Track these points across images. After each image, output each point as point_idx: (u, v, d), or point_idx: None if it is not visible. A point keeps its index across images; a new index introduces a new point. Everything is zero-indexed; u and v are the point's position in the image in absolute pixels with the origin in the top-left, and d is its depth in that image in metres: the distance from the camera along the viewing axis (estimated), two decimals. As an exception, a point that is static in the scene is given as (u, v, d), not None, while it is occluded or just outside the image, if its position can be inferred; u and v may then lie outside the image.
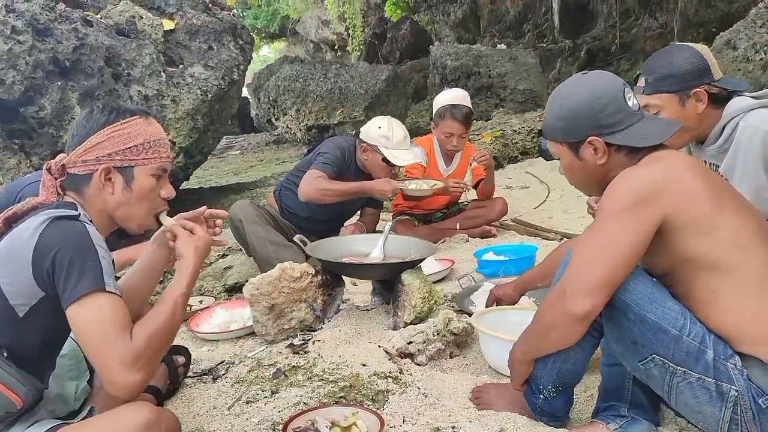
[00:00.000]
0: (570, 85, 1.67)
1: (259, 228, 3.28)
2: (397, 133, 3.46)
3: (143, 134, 1.61)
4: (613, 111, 1.57)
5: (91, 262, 1.40)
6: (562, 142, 1.66)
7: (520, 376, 1.71)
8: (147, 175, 1.62)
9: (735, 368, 1.41)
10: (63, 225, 1.44)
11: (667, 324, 1.44)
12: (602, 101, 1.57)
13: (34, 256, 1.40)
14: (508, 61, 9.63)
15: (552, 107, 1.68)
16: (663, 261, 1.51)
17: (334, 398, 1.98)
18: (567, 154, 1.67)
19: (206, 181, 8.00)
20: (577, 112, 1.60)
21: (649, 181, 1.46)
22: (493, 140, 7.00)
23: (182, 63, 5.09)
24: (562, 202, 5.09)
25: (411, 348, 2.25)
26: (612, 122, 1.57)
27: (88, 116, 1.61)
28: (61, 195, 1.58)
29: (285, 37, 21.63)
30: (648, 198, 1.44)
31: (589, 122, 1.58)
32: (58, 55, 4.21)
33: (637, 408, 1.68)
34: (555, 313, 1.52)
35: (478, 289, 2.79)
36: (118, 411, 1.47)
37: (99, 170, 1.57)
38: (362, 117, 9.36)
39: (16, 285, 1.42)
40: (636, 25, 11.95)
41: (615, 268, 1.45)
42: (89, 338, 1.39)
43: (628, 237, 1.44)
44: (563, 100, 1.65)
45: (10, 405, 1.42)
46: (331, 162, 3.41)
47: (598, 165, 1.61)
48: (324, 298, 2.63)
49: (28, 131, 4.25)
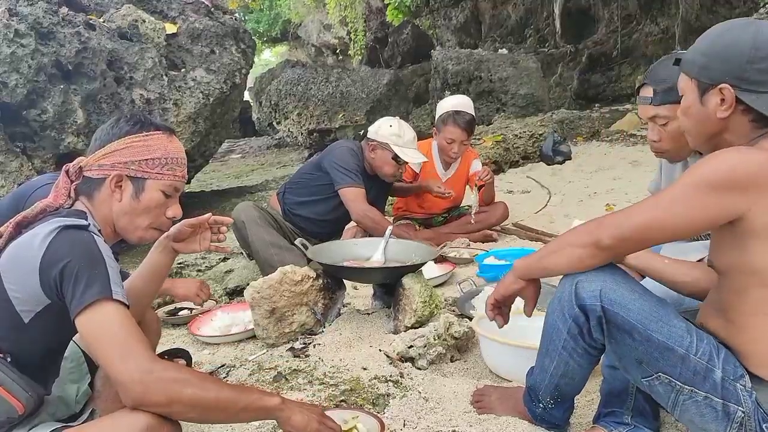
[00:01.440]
0: (734, 25, 1.46)
1: (261, 230, 3.29)
2: (407, 132, 3.53)
3: (162, 149, 1.62)
4: (765, 68, 1.37)
5: (98, 271, 1.39)
6: (694, 78, 1.47)
7: (503, 288, 1.64)
8: (157, 189, 1.62)
9: (744, 389, 1.38)
10: (72, 235, 1.43)
11: (674, 343, 1.40)
12: (759, 53, 1.37)
13: (42, 264, 1.39)
14: (510, 65, 9.64)
15: (703, 40, 1.49)
16: (728, 259, 1.41)
17: (334, 402, 1.98)
18: (692, 94, 1.48)
19: (208, 185, 8.01)
20: (726, 54, 1.41)
21: (750, 169, 1.31)
22: (494, 144, 7.01)
23: (184, 67, 5.10)
24: (563, 206, 5.09)
25: (412, 352, 2.25)
26: (757, 79, 1.38)
27: (114, 123, 1.62)
28: (72, 199, 1.58)
29: (287, 41, 21.67)
30: (737, 186, 1.31)
31: (732, 68, 1.39)
32: (60, 59, 4.22)
33: (640, 416, 1.67)
34: (579, 235, 1.47)
35: (479, 294, 2.79)
36: (119, 414, 1.46)
37: (111, 175, 1.57)
38: (363, 121, 9.38)
39: (22, 292, 1.42)
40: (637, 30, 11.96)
41: (657, 231, 1.39)
42: (99, 343, 1.35)
43: (691, 212, 1.34)
44: (719, 36, 1.45)
45: (12, 410, 1.42)
46: (354, 171, 3.48)
47: (717, 118, 1.43)
48: (325, 301, 2.63)
49: (30, 134, 4.25)
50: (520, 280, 1.61)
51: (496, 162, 6.84)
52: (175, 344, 2.64)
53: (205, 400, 1.36)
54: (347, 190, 3.45)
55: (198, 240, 1.84)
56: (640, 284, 1.51)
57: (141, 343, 1.36)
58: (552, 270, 1.55)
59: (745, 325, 1.40)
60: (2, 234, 1.50)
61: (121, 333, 1.34)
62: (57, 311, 1.41)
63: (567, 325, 1.53)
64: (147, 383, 1.31)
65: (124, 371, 1.31)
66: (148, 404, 1.33)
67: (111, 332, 1.34)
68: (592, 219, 1.50)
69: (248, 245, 3.34)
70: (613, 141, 7.62)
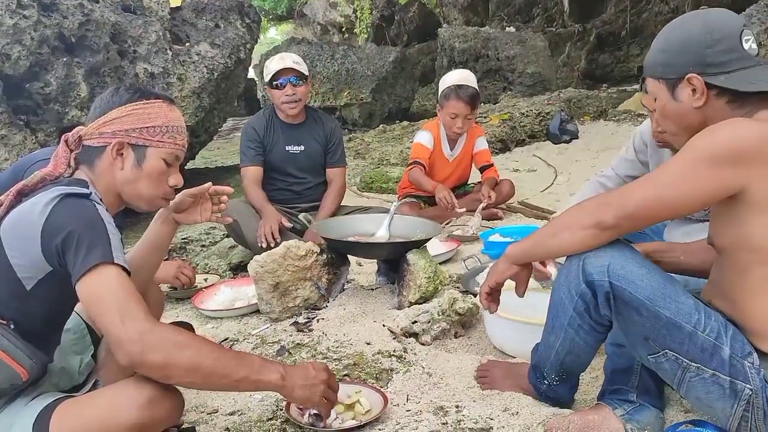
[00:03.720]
0: (683, 17, 1.49)
1: (255, 222, 3.27)
2: (273, 60, 3.46)
3: (163, 117, 1.61)
4: (724, 49, 1.38)
5: (99, 237, 1.39)
6: (660, 78, 1.48)
7: (496, 275, 1.62)
8: (159, 158, 1.61)
9: (752, 367, 1.37)
10: (73, 203, 1.43)
11: (682, 320, 1.39)
12: (713, 36, 1.38)
13: (44, 231, 1.39)
14: (517, 44, 9.55)
15: (658, 39, 1.51)
16: (729, 236, 1.39)
17: (338, 376, 1.97)
18: (663, 94, 1.48)
19: (213, 162, 7.99)
20: (684, 45, 1.42)
21: (750, 141, 1.29)
22: (501, 123, 6.96)
23: (188, 41, 5.06)
24: (569, 185, 5.06)
25: (415, 327, 2.24)
26: (719, 61, 1.38)
27: (113, 92, 1.62)
28: (72, 168, 1.58)
29: (292, 19, 21.51)
30: (738, 159, 1.29)
31: (693, 57, 1.40)
32: (63, 31, 4.17)
33: (645, 393, 1.65)
34: (578, 216, 1.45)
35: (484, 271, 2.77)
36: (121, 385, 1.46)
37: (113, 144, 1.56)
38: (369, 99, 9.33)
39: (24, 259, 1.41)
40: (647, 9, 11.83)
41: (659, 208, 1.37)
42: (99, 305, 1.34)
43: (693, 187, 1.33)
44: (671, 32, 1.47)
45: (15, 377, 1.42)
46: (244, 150, 3.48)
47: (693, 109, 1.43)
48: (329, 276, 2.62)
49: (33, 107, 4.22)
50: (514, 265, 1.60)
51: (503, 140, 6.79)
52: (178, 317, 2.64)
53: (203, 366, 1.35)
54: (242, 171, 3.51)
55: (199, 210, 1.83)
56: (648, 261, 1.48)
57: (141, 305, 1.35)
58: (554, 253, 1.54)
59: (748, 303, 1.39)
60: (2, 203, 1.49)
61: (121, 295, 1.33)
62: (59, 279, 1.41)
63: (573, 302, 1.52)
64: (145, 343, 1.30)
65: (123, 331, 1.30)
66: (146, 364, 1.32)
67: (111, 294, 1.33)
68: (589, 198, 1.48)
69: (245, 241, 3.32)
70: (620, 120, 7.56)
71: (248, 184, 3.44)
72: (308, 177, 3.59)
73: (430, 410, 1.76)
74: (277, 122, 3.52)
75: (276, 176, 3.54)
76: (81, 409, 1.42)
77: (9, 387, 1.43)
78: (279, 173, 3.53)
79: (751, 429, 1.39)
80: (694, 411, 1.69)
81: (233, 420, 1.79)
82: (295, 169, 3.55)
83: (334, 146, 3.61)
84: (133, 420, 1.37)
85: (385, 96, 9.62)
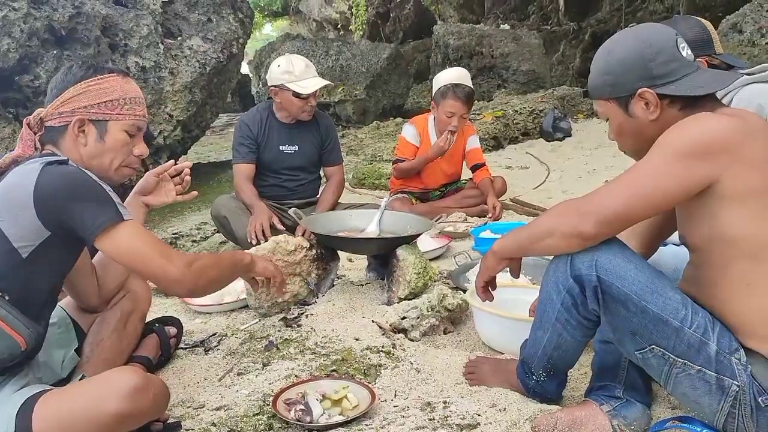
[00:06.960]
0: (615, 38, 1.53)
1: (244, 219, 3.25)
2: (298, 64, 3.36)
3: (119, 90, 1.64)
4: (666, 60, 1.43)
5: (102, 195, 1.48)
6: (610, 99, 1.51)
7: (488, 271, 1.65)
8: (120, 130, 1.64)
9: (739, 363, 1.36)
10: (59, 168, 1.48)
11: (669, 315, 1.38)
12: (653, 49, 1.43)
13: (36, 197, 1.42)
14: (512, 41, 9.56)
15: (597, 63, 1.54)
16: (702, 232, 1.40)
17: (325, 371, 1.96)
18: (616, 113, 1.51)
19: (206, 157, 7.95)
20: (626, 64, 1.46)
21: (720, 134, 1.32)
22: (494, 120, 6.96)
23: (180, 35, 5.03)
24: (561, 182, 5.06)
25: (404, 323, 2.23)
26: (664, 72, 1.43)
27: (66, 71, 1.64)
28: (38, 149, 1.60)
29: (288, 15, 21.43)
30: (710, 152, 1.31)
31: (639, 73, 1.44)
32: (53, 24, 4.15)
33: (632, 390, 1.65)
34: (559, 223, 1.46)
35: (474, 267, 2.76)
36: (105, 375, 1.47)
37: (73, 121, 1.59)
38: (363, 95, 9.31)
39: (18, 227, 1.44)
40: (642, 8, 11.82)
41: (638, 208, 1.38)
42: (140, 255, 1.51)
43: (669, 183, 1.35)
44: (609, 53, 1.51)
45: (15, 346, 1.44)
46: (237, 147, 3.47)
47: (650, 122, 1.46)
48: (318, 272, 2.61)
49: (23, 100, 4.20)
50: (503, 260, 1.62)
51: (496, 138, 6.79)
52: (167, 312, 2.62)
53: (220, 275, 1.74)
54: (234, 167, 3.50)
55: (164, 191, 1.93)
56: (636, 255, 1.48)
57: (168, 245, 1.56)
58: (539, 255, 1.54)
59: (727, 301, 1.39)
60: None
61: (152, 240, 1.55)
62: (58, 243, 1.47)
63: (561, 297, 1.52)
64: (193, 273, 1.58)
65: (173, 269, 1.54)
66: (199, 289, 1.68)
67: (146, 245, 1.52)
68: (571, 201, 1.49)
69: (235, 237, 3.30)
70: (614, 119, 7.55)
71: (240, 181, 3.42)
72: (301, 174, 3.58)
73: (418, 406, 1.75)
74: (274, 121, 3.50)
75: (268, 173, 3.53)
76: (65, 399, 1.43)
77: (8, 357, 1.45)
78: (271, 171, 3.52)
79: (738, 425, 1.39)
80: (681, 407, 1.69)
81: (219, 415, 1.77)
82: (288, 168, 3.54)
83: (330, 145, 3.60)
84: (117, 409, 1.38)
85: (380, 93, 9.60)
